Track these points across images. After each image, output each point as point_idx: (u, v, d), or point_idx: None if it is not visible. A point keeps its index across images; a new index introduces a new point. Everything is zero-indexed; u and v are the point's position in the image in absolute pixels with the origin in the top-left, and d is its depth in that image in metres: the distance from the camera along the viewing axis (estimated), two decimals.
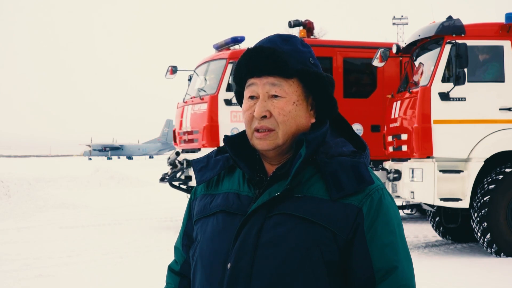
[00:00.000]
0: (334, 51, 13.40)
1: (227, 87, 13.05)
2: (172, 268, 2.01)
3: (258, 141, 1.75)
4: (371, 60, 11.70)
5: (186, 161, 13.54)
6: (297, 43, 1.79)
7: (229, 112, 13.04)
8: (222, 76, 13.16)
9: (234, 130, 12.81)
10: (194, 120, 13.64)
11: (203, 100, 13.29)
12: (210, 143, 13.03)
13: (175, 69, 14.38)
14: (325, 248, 1.68)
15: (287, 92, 1.75)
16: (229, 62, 13.18)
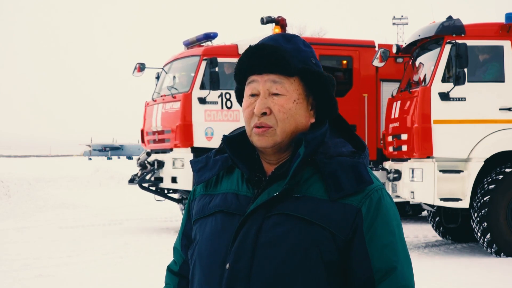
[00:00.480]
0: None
1: (201, 85, 12.71)
2: (171, 268, 2.01)
3: (257, 137, 1.75)
4: (338, 58, 11.96)
5: (157, 162, 13.14)
6: (299, 42, 1.80)
7: (203, 111, 12.69)
8: (196, 74, 12.79)
9: (208, 129, 12.59)
10: (166, 119, 13.20)
11: (176, 99, 12.91)
12: (183, 143, 12.68)
13: (142, 67, 13.94)
14: (324, 248, 1.67)
15: (288, 90, 1.75)
16: (203, 59, 12.78)
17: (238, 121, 12.69)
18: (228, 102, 12.73)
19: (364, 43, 13.70)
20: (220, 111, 12.72)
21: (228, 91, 12.75)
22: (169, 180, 12.82)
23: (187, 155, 12.52)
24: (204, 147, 12.58)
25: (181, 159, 12.59)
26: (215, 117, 12.69)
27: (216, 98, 12.69)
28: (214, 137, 12.66)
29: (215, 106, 12.68)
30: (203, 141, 12.63)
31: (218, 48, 13.08)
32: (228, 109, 12.73)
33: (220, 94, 12.69)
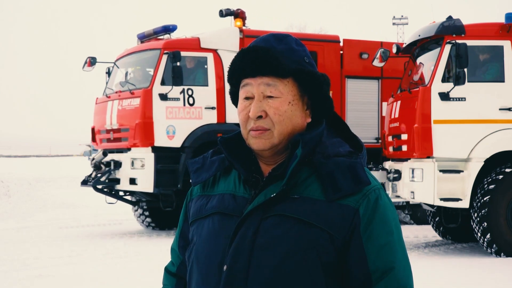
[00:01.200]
0: None
1: (162, 80, 12.03)
2: (169, 269, 2.00)
3: (254, 140, 1.74)
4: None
5: (113, 162, 12.39)
6: (291, 42, 1.78)
7: (164, 107, 12.01)
8: (157, 69, 12.08)
9: (170, 128, 11.96)
10: (123, 116, 12.42)
11: (134, 95, 12.16)
12: (143, 142, 12.00)
13: (93, 61, 13.19)
14: (321, 249, 1.67)
15: (282, 92, 1.74)
16: (164, 53, 12.08)
17: (201, 119, 12.16)
18: (191, 99, 12.13)
19: (328, 38, 13.43)
20: (182, 108, 12.09)
21: (190, 87, 12.15)
22: (127, 181, 12.16)
23: (147, 155, 11.92)
24: (165, 147, 12.00)
25: (141, 159, 11.97)
26: (177, 114, 12.06)
27: (178, 95, 12.05)
28: (176, 136, 12.05)
29: (177, 103, 12.06)
30: (164, 140, 12.00)
31: (180, 41, 12.42)
32: (191, 106, 12.11)
33: (182, 90, 12.06)
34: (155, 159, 11.84)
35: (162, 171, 11.87)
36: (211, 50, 12.36)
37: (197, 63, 12.37)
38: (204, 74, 12.32)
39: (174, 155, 12.00)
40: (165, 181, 11.90)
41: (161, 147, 11.96)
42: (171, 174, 11.96)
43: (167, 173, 11.92)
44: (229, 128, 12.16)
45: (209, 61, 12.33)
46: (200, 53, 12.31)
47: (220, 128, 12.20)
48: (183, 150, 12.03)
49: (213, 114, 12.24)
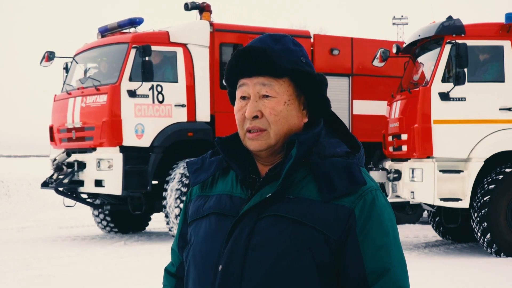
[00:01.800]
0: (245, 37, 12.19)
1: (130, 76, 11.36)
2: (169, 270, 2.01)
3: (250, 141, 1.75)
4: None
5: (77, 163, 11.60)
6: (288, 42, 1.78)
7: (132, 105, 11.35)
8: (125, 63, 11.39)
9: (139, 126, 11.35)
10: (87, 114, 11.66)
11: (100, 91, 11.44)
12: (110, 141, 11.29)
13: (52, 56, 12.42)
14: (316, 250, 1.66)
15: (278, 92, 1.74)
16: (132, 47, 11.41)
17: (171, 117, 11.59)
18: (160, 96, 11.54)
19: (299, 33, 13.02)
20: (152, 106, 11.47)
21: (159, 83, 11.53)
22: (92, 183, 11.41)
23: (115, 155, 11.21)
24: (133, 146, 11.36)
25: (108, 160, 11.24)
26: (146, 112, 11.43)
27: (147, 91, 11.42)
28: (145, 135, 11.42)
29: (146, 100, 11.43)
30: (133, 139, 11.34)
31: (149, 35, 11.79)
32: (160, 103, 11.52)
33: (151, 87, 11.43)
34: (124, 159, 11.19)
35: (131, 172, 11.24)
36: (180, 44, 11.83)
37: (166, 58, 11.81)
38: (174, 70, 11.78)
39: (143, 155, 11.40)
40: (134, 183, 11.28)
41: (129, 147, 11.34)
42: (140, 176, 11.34)
43: (136, 174, 11.31)
44: (200, 127, 11.81)
45: (179, 56, 11.78)
46: (169, 47, 11.77)
47: (191, 127, 11.75)
48: (152, 150, 11.46)
49: (183, 112, 11.71)
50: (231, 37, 12.26)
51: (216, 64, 12.08)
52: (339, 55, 12.90)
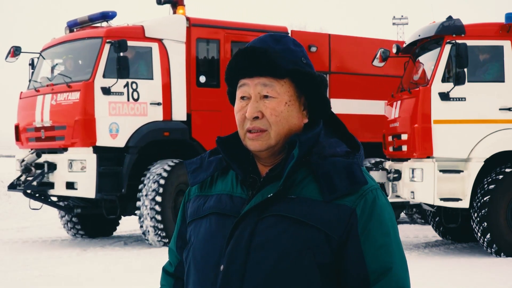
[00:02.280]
0: (221, 33, 11.83)
1: (104, 72, 10.77)
2: (167, 269, 2.00)
3: (250, 142, 1.75)
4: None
5: (47, 164, 10.95)
6: (289, 42, 1.78)
7: (107, 103, 10.74)
8: (98, 59, 10.80)
9: (113, 125, 10.73)
10: (58, 112, 11.04)
11: (72, 88, 10.81)
12: (83, 141, 10.66)
13: (18, 51, 11.76)
14: (317, 250, 1.66)
15: (279, 93, 1.74)
16: (106, 42, 10.82)
17: (146, 115, 11.05)
18: (135, 93, 10.96)
19: (276, 30, 12.40)
20: (126, 104, 10.88)
21: (134, 80, 10.97)
22: (63, 186, 10.80)
23: (88, 156, 10.62)
24: (107, 147, 10.77)
25: (81, 161, 10.64)
26: (121, 110, 10.84)
27: (122, 89, 10.82)
28: (120, 135, 10.83)
29: (120, 98, 10.83)
30: (107, 139, 10.74)
31: (124, 30, 11.20)
32: (135, 101, 10.94)
33: (126, 84, 10.85)
34: (97, 160, 10.60)
35: (105, 174, 10.65)
36: (156, 39, 11.27)
37: (141, 54, 11.26)
38: (149, 66, 11.24)
39: (117, 156, 10.84)
40: (108, 185, 10.69)
41: (103, 147, 10.75)
42: (114, 178, 10.76)
43: (110, 176, 10.72)
44: (176, 126, 11.34)
45: (154, 51, 11.24)
46: (144, 42, 11.20)
47: (167, 126, 11.24)
48: (127, 151, 10.89)
49: (159, 110, 11.18)
50: (208, 32, 11.77)
51: (192, 60, 11.61)
52: (316, 52, 12.56)
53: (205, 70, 11.81)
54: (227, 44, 11.84)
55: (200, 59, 11.78)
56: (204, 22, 11.86)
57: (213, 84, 11.76)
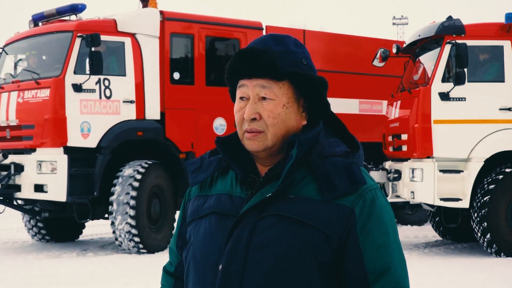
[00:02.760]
0: (196, 27, 11.29)
1: (75, 68, 10.18)
2: (167, 269, 2.01)
3: (248, 141, 1.75)
4: (225, 41, 10.97)
5: (13, 165, 10.23)
6: (290, 43, 1.78)
7: (78, 100, 10.12)
8: (69, 54, 10.17)
9: (85, 124, 10.12)
10: (25, 111, 10.37)
11: (41, 85, 10.17)
12: (54, 141, 10.04)
13: None
14: (317, 250, 1.67)
15: (277, 95, 1.74)
16: (77, 36, 10.22)
17: (119, 114, 10.45)
18: (107, 91, 10.35)
19: (251, 24, 12.00)
20: (98, 102, 10.27)
21: (106, 77, 10.37)
22: (31, 188, 10.11)
23: (59, 157, 9.95)
24: (79, 147, 10.14)
25: (52, 162, 9.96)
26: (93, 109, 10.22)
27: (94, 86, 10.21)
28: (91, 134, 10.21)
29: (92, 95, 10.22)
30: (79, 139, 10.12)
31: (95, 23, 10.59)
32: (108, 99, 10.34)
33: (98, 81, 10.24)
34: (68, 161, 9.96)
35: (76, 176, 10.05)
36: (129, 34, 10.67)
37: (113, 49, 10.66)
38: (121, 62, 10.64)
39: (89, 157, 10.23)
40: (79, 188, 10.07)
41: (74, 148, 10.11)
42: (86, 180, 10.15)
43: (81, 178, 10.11)
44: (150, 126, 10.75)
45: (127, 46, 10.63)
46: (116, 37, 10.59)
47: (140, 126, 10.65)
48: (99, 151, 10.28)
49: (132, 108, 10.59)
50: (182, 27, 11.22)
51: (166, 56, 11.04)
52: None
53: (179, 66, 11.28)
54: (201, 39, 11.29)
55: (174, 55, 11.26)
56: (178, 16, 11.31)
57: (187, 81, 11.23)
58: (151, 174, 10.44)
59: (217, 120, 11.30)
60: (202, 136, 11.12)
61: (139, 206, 10.23)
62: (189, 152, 11.04)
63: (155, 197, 10.57)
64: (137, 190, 10.19)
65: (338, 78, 12.51)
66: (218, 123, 11.29)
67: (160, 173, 10.67)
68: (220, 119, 11.30)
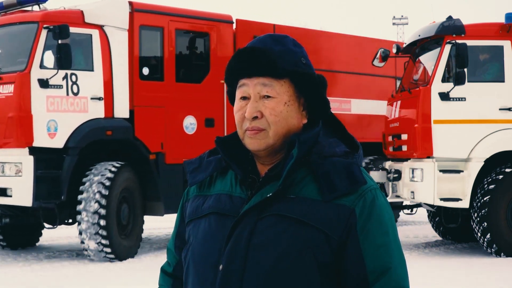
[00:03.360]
0: (166, 20, 10.65)
1: (41, 62, 9.48)
2: (165, 269, 2.00)
3: (249, 140, 1.75)
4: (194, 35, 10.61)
5: None
6: (288, 43, 1.79)
7: (44, 97, 9.37)
8: (34, 47, 9.43)
9: (51, 123, 9.40)
10: None
11: (4, 80, 9.45)
12: (18, 141, 9.31)
13: None
14: (317, 249, 1.67)
15: (278, 92, 1.74)
16: (43, 27, 9.47)
17: (87, 112, 9.74)
18: (75, 87, 9.62)
19: (221, 18, 11.41)
20: (66, 98, 9.55)
21: (74, 72, 9.65)
22: None
23: (25, 159, 9.26)
24: (45, 147, 9.40)
25: (16, 164, 9.27)
26: (59, 106, 9.49)
27: (61, 81, 9.49)
28: (58, 134, 9.48)
29: (59, 91, 9.49)
30: (45, 139, 9.37)
31: (62, 14, 9.84)
32: (75, 95, 9.62)
33: (65, 76, 9.53)
34: (35, 163, 9.24)
35: (43, 179, 9.32)
36: (96, 26, 9.97)
37: (80, 42, 9.92)
38: (89, 56, 9.96)
39: (55, 158, 9.49)
40: (46, 191, 9.36)
41: (40, 148, 9.38)
42: (53, 183, 9.41)
43: (48, 181, 9.39)
44: (120, 124, 10.06)
45: (94, 39, 9.95)
46: (83, 29, 9.88)
47: (109, 124, 9.95)
48: (66, 152, 9.54)
49: (100, 106, 9.89)
50: (152, 19, 10.57)
51: (135, 50, 10.36)
52: None
53: (149, 61, 10.69)
54: (171, 32, 10.66)
55: (144, 49, 10.60)
56: (147, 7, 10.66)
57: (157, 77, 10.60)
58: (120, 177, 9.73)
59: (187, 119, 10.71)
60: (172, 136, 10.53)
61: (109, 214, 9.48)
62: (158, 152, 10.43)
63: (124, 201, 9.91)
64: (106, 198, 9.46)
65: None
66: (188, 121, 10.70)
67: (129, 175, 9.98)
68: (190, 118, 10.72)
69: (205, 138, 10.57)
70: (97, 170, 9.68)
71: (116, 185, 9.62)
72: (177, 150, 10.54)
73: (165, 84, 10.62)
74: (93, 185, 9.50)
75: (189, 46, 11.14)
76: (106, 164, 9.78)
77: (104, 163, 9.87)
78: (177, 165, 10.41)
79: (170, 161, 10.50)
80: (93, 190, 9.46)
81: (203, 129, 10.80)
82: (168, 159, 10.50)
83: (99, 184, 9.47)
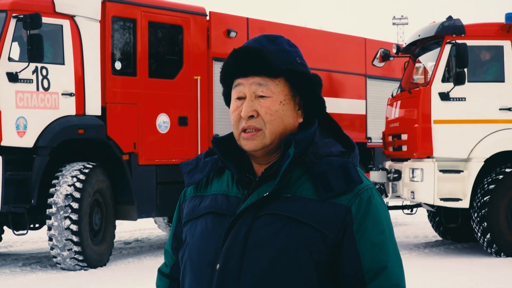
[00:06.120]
0: (138, 11, 10.06)
1: (9, 54, 8.80)
2: (162, 270, 2.01)
3: (245, 141, 1.76)
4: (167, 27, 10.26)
5: None
6: (283, 43, 1.80)
7: (13, 92, 8.68)
8: (3, 38, 8.73)
9: (20, 120, 8.73)
10: None
11: None
12: None
13: None
14: (313, 248, 1.68)
15: (274, 92, 1.75)
16: (12, 16, 8.80)
17: (57, 108, 9.07)
18: (45, 81, 8.97)
19: (195, 10, 10.79)
20: (36, 94, 8.87)
21: (44, 65, 8.96)
22: None
23: None
24: (14, 147, 8.71)
25: None
26: (29, 102, 8.81)
27: (31, 75, 8.82)
28: (28, 132, 8.77)
29: (29, 86, 8.81)
30: (14, 138, 8.67)
31: (32, 2, 9.05)
32: (46, 91, 8.95)
33: (35, 69, 8.85)
34: (3, 164, 8.48)
35: (12, 181, 8.58)
36: (67, 16, 9.28)
37: (50, 33, 9.21)
38: (59, 49, 9.29)
39: (25, 159, 8.84)
40: (15, 195, 8.65)
41: (9, 147, 8.68)
42: (22, 186, 8.72)
43: (17, 184, 8.68)
44: (92, 122, 9.40)
45: (65, 30, 9.25)
46: (54, 19, 9.18)
47: (81, 122, 9.28)
48: (36, 152, 8.85)
49: (71, 102, 9.22)
50: (125, 10, 9.97)
51: (108, 42, 9.72)
52: (236, 37, 10.82)
53: (121, 55, 10.09)
54: (144, 24, 10.07)
55: (116, 42, 9.98)
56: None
57: (129, 72, 10.00)
58: (92, 179, 9.07)
59: (160, 117, 10.08)
60: (145, 135, 9.92)
61: (81, 219, 8.84)
62: (131, 153, 9.79)
63: (96, 205, 9.30)
64: (78, 202, 8.81)
65: None
66: (162, 120, 10.08)
67: (101, 177, 9.33)
68: (163, 116, 10.10)
69: (178, 138, 10.18)
70: (67, 171, 9.02)
71: (88, 188, 8.98)
72: (150, 150, 9.99)
73: (138, 79, 10.01)
74: (64, 188, 8.83)
75: (162, 39, 10.67)
76: (76, 165, 9.12)
77: (74, 163, 9.19)
78: (150, 166, 9.96)
79: (142, 162, 9.89)
80: (64, 193, 8.81)
81: (176, 128, 10.22)
82: (141, 160, 9.87)
83: (70, 187, 8.83)
